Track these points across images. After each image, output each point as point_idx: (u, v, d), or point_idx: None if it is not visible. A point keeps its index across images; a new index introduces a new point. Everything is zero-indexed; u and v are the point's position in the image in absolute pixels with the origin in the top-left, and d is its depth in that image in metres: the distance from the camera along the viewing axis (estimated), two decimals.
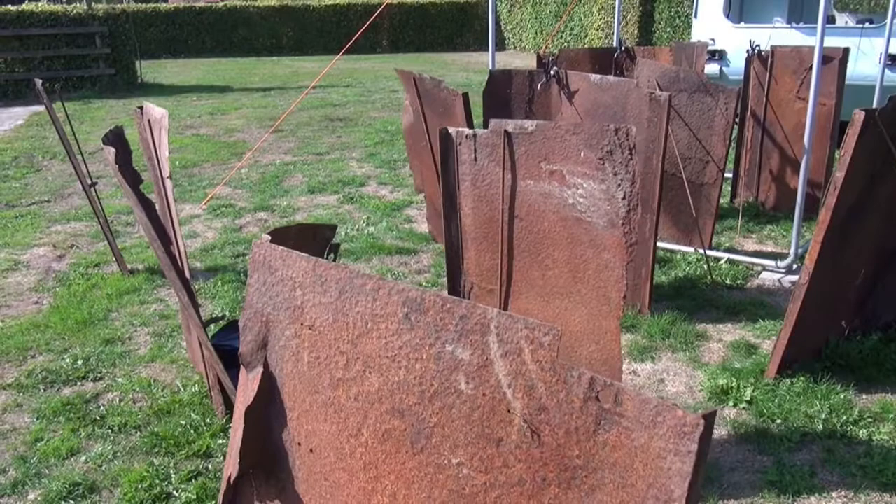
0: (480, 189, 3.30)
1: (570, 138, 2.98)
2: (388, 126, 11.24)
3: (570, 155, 2.99)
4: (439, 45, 27.56)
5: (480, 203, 3.32)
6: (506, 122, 3.17)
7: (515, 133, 3.13)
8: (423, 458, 1.60)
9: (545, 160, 3.06)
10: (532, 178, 3.11)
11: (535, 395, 1.42)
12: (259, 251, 1.87)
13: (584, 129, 2.95)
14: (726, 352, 4.16)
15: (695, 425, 1.20)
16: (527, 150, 3.12)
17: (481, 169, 3.25)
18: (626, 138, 2.84)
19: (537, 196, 3.12)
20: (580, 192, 2.97)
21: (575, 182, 2.98)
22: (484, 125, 3.55)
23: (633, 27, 20.01)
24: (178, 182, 8.07)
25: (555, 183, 3.05)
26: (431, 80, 4.98)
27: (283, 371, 1.84)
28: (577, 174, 2.97)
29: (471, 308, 1.50)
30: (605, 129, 2.89)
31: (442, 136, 3.38)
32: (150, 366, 4.11)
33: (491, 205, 3.30)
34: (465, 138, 3.27)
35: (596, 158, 2.91)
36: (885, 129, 3.35)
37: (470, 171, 3.30)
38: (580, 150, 2.94)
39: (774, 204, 6.54)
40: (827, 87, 5.82)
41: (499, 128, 3.16)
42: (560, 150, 3.03)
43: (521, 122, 3.12)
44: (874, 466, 3.11)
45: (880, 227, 3.78)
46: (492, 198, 3.28)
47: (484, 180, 3.28)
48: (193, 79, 18.13)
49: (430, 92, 5.02)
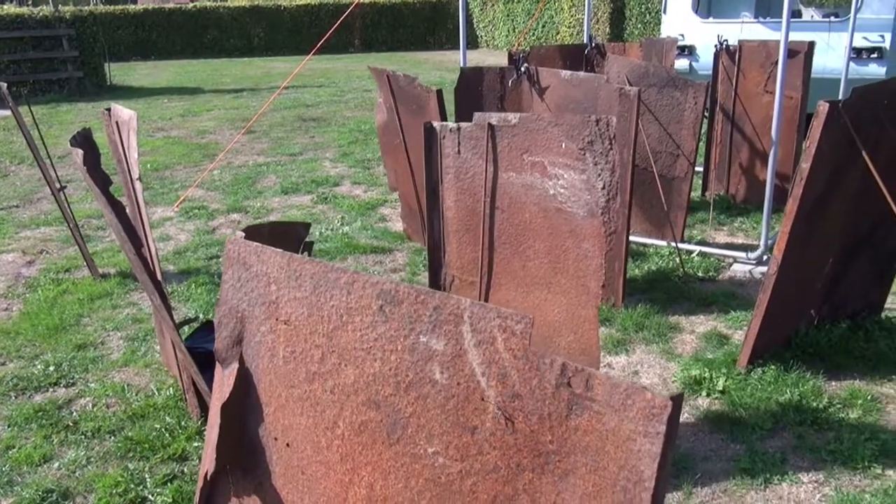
0: (463, 182, 3.32)
1: (552, 130, 3.01)
2: (362, 125, 11.22)
3: (551, 146, 3.03)
4: (412, 44, 27.55)
5: (463, 196, 3.35)
6: (490, 115, 3.20)
7: (499, 126, 3.16)
8: (399, 448, 1.61)
9: (527, 152, 3.09)
10: (514, 169, 3.14)
11: (508, 382, 1.44)
12: (233, 247, 1.87)
13: (565, 121, 2.99)
14: (699, 343, 4.22)
15: (663, 407, 1.22)
16: (509, 142, 3.15)
17: (465, 162, 3.27)
18: (607, 129, 2.88)
19: (519, 188, 3.15)
20: (561, 183, 3.00)
21: (556, 173, 3.01)
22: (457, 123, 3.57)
23: (605, 24, 20.17)
24: (149, 185, 8.00)
25: (536, 174, 3.08)
26: (405, 77, 4.99)
27: (258, 366, 1.84)
28: (559, 165, 3.00)
29: (444, 299, 1.52)
30: (587, 120, 2.92)
31: (426, 129, 3.40)
32: (124, 370, 4.07)
33: (473, 197, 3.32)
34: (449, 132, 3.30)
35: (577, 149, 2.94)
36: (849, 120, 3.42)
37: (453, 165, 3.32)
38: (562, 142, 2.98)
39: (745, 196, 6.64)
40: (793, 80, 5.92)
41: (483, 121, 3.19)
42: (542, 141, 3.06)
43: (504, 115, 3.15)
44: (844, 451, 3.17)
45: (847, 217, 3.85)
46: (474, 190, 3.30)
47: (467, 173, 3.31)
48: (164, 80, 17.96)
49: (404, 89, 5.03)
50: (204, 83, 17.29)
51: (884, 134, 3.60)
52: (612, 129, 2.87)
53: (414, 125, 5.05)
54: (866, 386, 3.67)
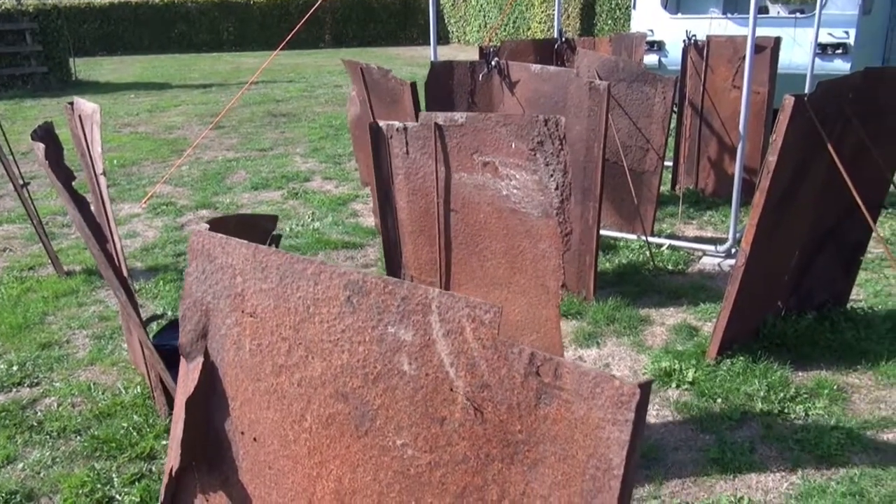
0: (414, 182, 3.30)
1: (500, 130, 3.00)
2: (333, 121, 11.15)
3: (501, 146, 3.01)
4: (383, 39, 27.44)
5: (415, 196, 3.32)
6: (436, 114, 3.17)
7: (446, 125, 3.13)
8: (367, 440, 1.59)
9: (477, 152, 3.08)
10: (465, 170, 3.12)
11: (477, 372, 1.43)
12: (198, 239, 1.84)
13: (513, 121, 2.97)
14: (669, 335, 4.25)
15: (631, 394, 1.22)
16: (458, 142, 3.13)
17: (414, 162, 3.25)
18: (556, 129, 2.86)
19: (472, 188, 3.14)
20: (513, 184, 2.99)
21: (508, 173, 3.00)
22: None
23: (575, 19, 20.26)
24: (116, 181, 7.87)
25: (488, 175, 3.07)
26: (379, 70, 4.96)
27: (224, 360, 1.81)
28: (510, 165, 2.99)
29: (412, 289, 1.50)
30: (535, 119, 2.91)
31: (372, 129, 3.36)
32: (90, 369, 4.00)
33: (426, 198, 3.30)
34: (395, 132, 3.26)
35: (527, 149, 2.93)
36: (814, 114, 3.46)
37: (403, 165, 3.29)
38: (511, 142, 2.96)
39: (713, 190, 6.70)
40: (760, 75, 5.98)
41: (429, 120, 3.16)
42: (491, 141, 3.05)
43: (450, 115, 3.12)
44: (810, 440, 3.21)
45: (813, 209, 3.90)
46: (426, 191, 3.28)
47: (417, 174, 3.28)
48: (131, 76, 17.70)
49: (378, 82, 5.00)
50: (172, 78, 17.07)
51: (848, 127, 3.65)
52: (561, 128, 2.86)
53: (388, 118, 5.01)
54: (832, 376, 3.72)
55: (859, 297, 4.60)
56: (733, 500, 2.87)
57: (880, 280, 4.88)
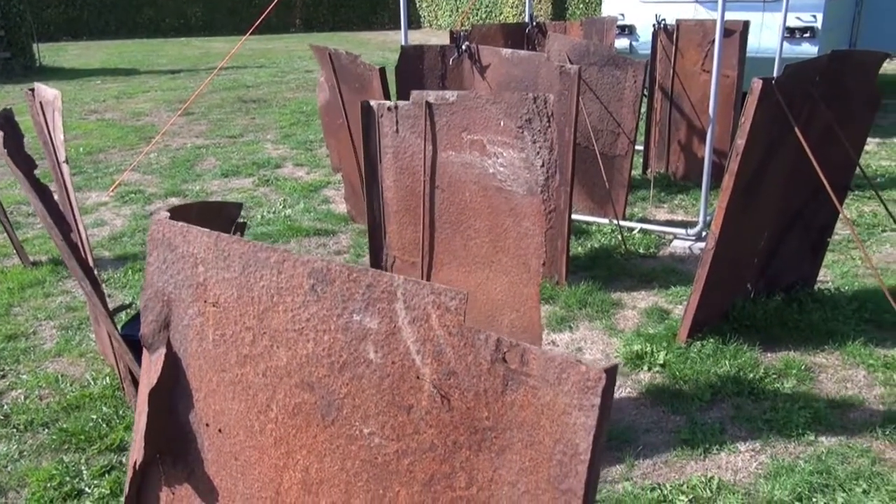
0: (402, 161, 3.28)
1: (490, 108, 2.99)
2: (304, 106, 11.04)
3: (490, 125, 3.00)
4: (354, 23, 27.20)
5: (402, 175, 3.30)
6: (427, 93, 3.16)
7: (437, 104, 3.12)
8: (334, 430, 1.58)
9: (466, 130, 3.06)
10: (453, 148, 3.11)
11: (443, 359, 1.41)
12: (158, 228, 1.80)
13: (503, 99, 2.96)
14: (640, 318, 4.27)
15: (597, 379, 1.22)
16: (448, 120, 3.12)
17: (403, 141, 3.23)
18: (545, 106, 2.86)
19: (458, 167, 3.12)
20: (500, 162, 2.98)
21: (495, 151, 2.99)
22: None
23: (547, 3, 20.23)
24: (83, 169, 7.73)
25: (475, 153, 3.06)
26: (347, 55, 4.90)
27: (187, 351, 1.78)
28: (497, 143, 2.98)
29: (377, 276, 1.48)
30: (524, 97, 2.90)
31: (363, 108, 3.34)
32: (57, 360, 3.94)
33: (413, 177, 3.28)
34: (386, 110, 3.24)
35: (515, 127, 2.92)
36: (781, 97, 3.48)
37: (392, 144, 3.27)
38: (500, 120, 2.95)
39: (684, 174, 6.74)
40: (729, 59, 6.01)
41: (420, 99, 3.14)
42: (480, 120, 3.04)
43: (442, 93, 3.11)
44: (779, 420, 3.25)
45: (781, 192, 3.93)
46: (414, 170, 3.26)
47: (406, 152, 3.26)
48: (97, 61, 17.36)
49: (347, 68, 4.94)
50: (139, 64, 16.78)
51: (815, 110, 3.68)
52: (549, 106, 2.86)
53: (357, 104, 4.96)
54: (800, 356, 3.77)
55: (826, 278, 4.66)
56: (704, 480, 2.90)
57: (847, 261, 4.95)
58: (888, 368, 3.62)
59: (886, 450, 3.05)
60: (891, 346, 3.83)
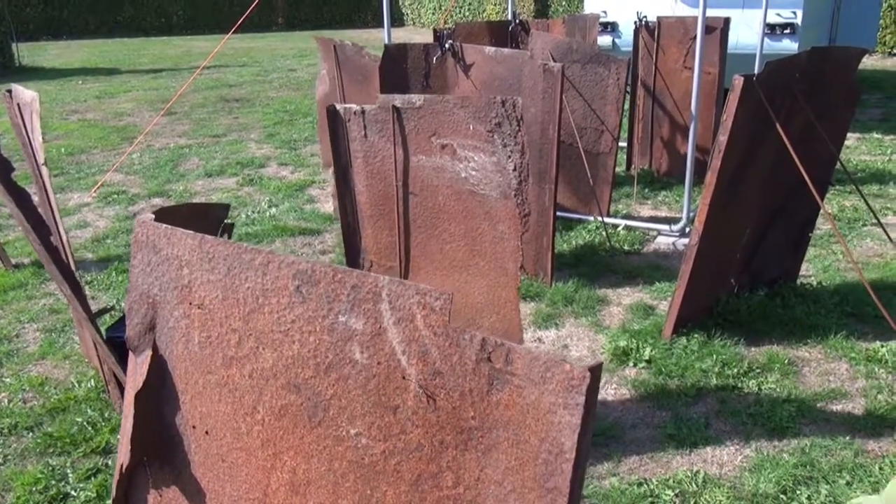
0: (373, 166, 3.27)
1: (458, 112, 2.99)
2: (287, 105, 11.00)
3: (459, 128, 3.00)
4: (337, 22, 27.12)
5: (374, 180, 3.30)
6: (393, 96, 3.15)
7: (404, 108, 3.11)
8: (321, 431, 1.58)
9: (435, 134, 3.06)
10: (424, 152, 3.10)
11: (429, 359, 1.42)
12: (142, 230, 1.79)
13: (471, 103, 2.96)
14: (626, 314, 4.30)
15: (582, 378, 1.23)
16: (416, 124, 3.11)
17: (372, 145, 3.22)
18: (514, 110, 2.86)
19: (430, 171, 3.12)
20: (472, 166, 2.98)
21: (466, 155, 2.99)
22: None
23: (529, 1, 20.25)
24: (64, 170, 7.67)
25: (447, 157, 3.06)
26: (353, 46, 4.90)
27: (173, 353, 1.77)
28: (468, 147, 2.98)
29: (362, 277, 1.49)
30: (492, 101, 2.90)
31: (329, 113, 3.32)
32: (41, 363, 3.91)
33: (385, 181, 3.27)
34: (353, 115, 3.23)
35: (485, 131, 2.92)
36: (762, 93, 3.51)
37: (361, 148, 3.26)
38: (469, 124, 2.95)
39: (667, 170, 6.78)
40: (710, 56, 6.05)
41: (387, 103, 3.13)
42: (449, 123, 3.03)
43: (408, 97, 3.10)
44: (763, 414, 3.29)
45: (763, 188, 3.97)
46: (385, 174, 3.26)
47: (376, 157, 3.25)
48: (77, 61, 17.22)
49: (351, 59, 4.94)
50: (121, 63, 16.66)
51: (796, 106, 3.71)
52: (518, 110, 2.86)
53: (358, 96, 4.95)
54: (783, 350, 3.80)
55: (809, 272, 4.71)
56: (690, 474, 2.93)
57: (829, 256, 5.00)
58: (870, 361, 3.67)
59: (869, 442, 3.09)
60: (872, 340, 3.87)
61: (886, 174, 6.83)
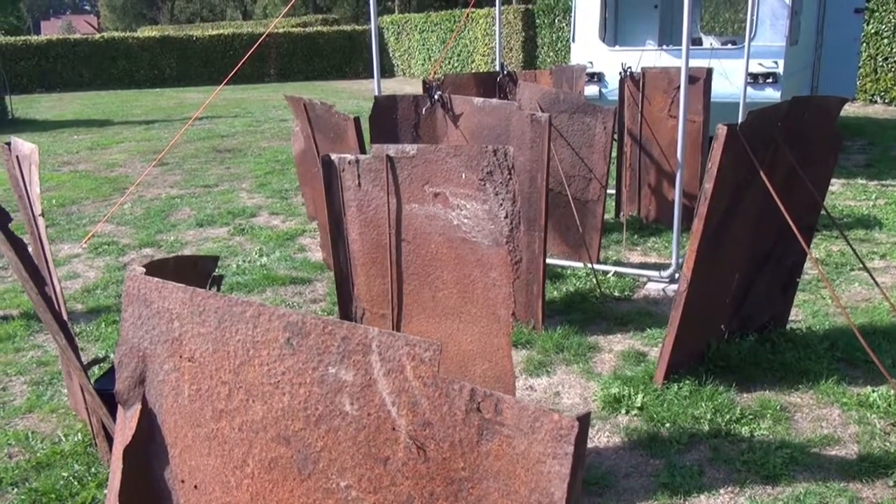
0: (366, 214, 3.30)
1: (450, 161, 3.03)
2: (279, 155, 11.10)
3: (451, 177, 3.04)
4: (329, 73, 27.52)
5: (367, 228, 3.32)
6: (388, 146, 3.20)
7: (397, 157, 3.16)
8: (310, 483, 1.57)
9: (428, 183, 3.10)
10: (417, 201, 3.14)
11: (418, 410, 1.42)
12: (133, 283, 1.80)
13: (463, 152, 3.01)
14: (617, 361, 4.29)
15: (570, 428, 1.23)
16: (409, 173, 3.16)
17: (366, 194, 3.26)
18: (505, 159, 2.91)
19: (423, 219, 3.15)
20: (464, 213, 3.02)
21: (458, 203, 3.03)
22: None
23: (518, 52, 20.63)
24: (56, 221, 7.68)
25: (439, 205, 3.09)
26: (322, 105, 4.96)
27: (162, 406, 1.77)
28: (460, 196, 3.02)
29: (352, 329, 1.50)
30: (484, 150, 2.96)
31: (324, 163, 3.37)
32: (28, 417, 3.86)
33: (378, 229, 3.30)
34: (347, 164, 3.28)
35: (477, 179, 2.97)
36: (746, 142, 3.57)
37: (355, 197, 3.30)
38: (461, 172, 3.00)
39: (656, 216, 6.84)
40: (695, 104, 6.17)
41: (381, 152, 3.18)
42: (442, 172, 3.08)
43: (402, 147, 3.15)
44: (756, 461, 3.27)
45: (750, 234, 4.01)
46: (378, 222, 3.29)
47: (369, 205, 3.29)
48: (70, 113, 17.36)
49: (322, 117, 5.00)
50: (113, 115, 16.80)
51: (779, 153, 3.78)
52: (510, 158, 2.91)
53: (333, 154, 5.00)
54: (775, 396, 3.80)
55: (798, 317, 4.73)
56: None
57: (817, 301, 5.03)
58: (861, 406, 3.67)
59: (863, 489, 3.07)
60: (863, 385, 3.88)
61: (871, 219, 6.91)
